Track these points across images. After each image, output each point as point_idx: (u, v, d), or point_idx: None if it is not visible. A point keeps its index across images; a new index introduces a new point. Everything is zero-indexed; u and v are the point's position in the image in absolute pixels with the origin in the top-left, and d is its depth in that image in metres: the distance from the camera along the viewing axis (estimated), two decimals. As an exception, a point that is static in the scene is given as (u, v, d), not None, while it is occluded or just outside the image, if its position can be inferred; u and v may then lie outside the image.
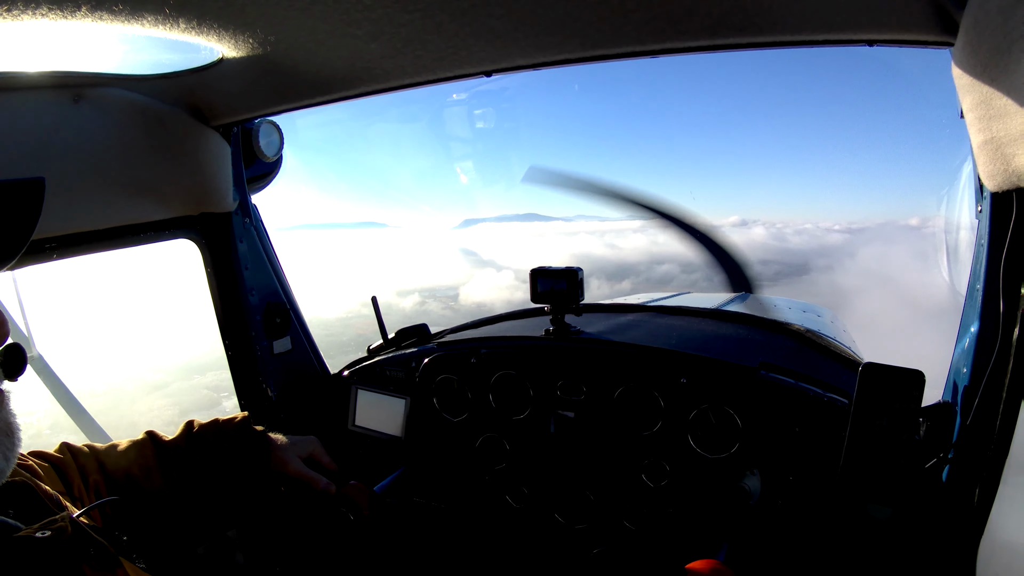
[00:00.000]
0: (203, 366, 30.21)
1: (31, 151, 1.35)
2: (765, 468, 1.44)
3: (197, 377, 27.98)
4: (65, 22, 1.03)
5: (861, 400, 1.20)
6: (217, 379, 27.23)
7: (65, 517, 0.83)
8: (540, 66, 1.36)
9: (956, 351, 1.22)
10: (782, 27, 1.10)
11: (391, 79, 1.45)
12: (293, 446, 1.44)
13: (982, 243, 1.11)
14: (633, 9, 1.07)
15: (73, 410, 3.77)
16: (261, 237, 2.01)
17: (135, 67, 1.44)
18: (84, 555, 0.82)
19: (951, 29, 0.96)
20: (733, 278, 2.90)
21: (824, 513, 1.37)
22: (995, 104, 0.87)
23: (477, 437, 1.83)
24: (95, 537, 0.85)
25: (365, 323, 28.73)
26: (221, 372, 28.32)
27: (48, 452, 1.14)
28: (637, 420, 1.60)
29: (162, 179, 1.69)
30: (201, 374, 28.75)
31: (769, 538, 1.44)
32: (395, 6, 1.06)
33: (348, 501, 1.47)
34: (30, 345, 3.84)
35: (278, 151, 2.00)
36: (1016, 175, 0.91)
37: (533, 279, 1.82)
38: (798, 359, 1.78)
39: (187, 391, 26.77)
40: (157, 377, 29.17)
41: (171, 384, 28.89)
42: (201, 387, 27.18)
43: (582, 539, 1.69)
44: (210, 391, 25.70)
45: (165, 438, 1.36)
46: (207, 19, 1.10)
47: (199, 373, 29.00)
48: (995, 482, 1.00)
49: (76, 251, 1.54)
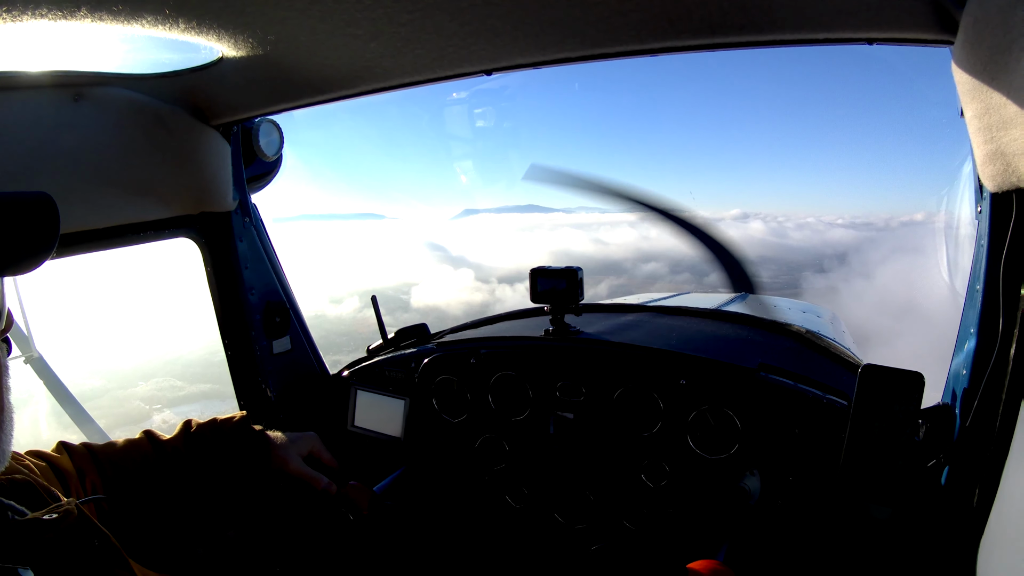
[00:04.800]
0: (149, 372, 28.76)
1: (31, 151, 1.35)
2: (765, 469, 1.44)
3: (141, 384, 26.65)
4: (65, 22, 1.03)
5: (861, 402, 1.19)
6: (158, 387, 25.95)
7: (72, 502, 0.85)
8: (540, 65, 1.36)
9: (956, 352, 1.22)
10: (782, 26, 1.10)
11: (391, 78, 1.45)
12: (293, 444, 1.44)
13: (982, 243, 1.11)
14: (633, 8, 1.07)
15: (72, 410, 3.77)
16: (261, 236, 2.01)
17: (135, 66, 1.44)
18: (89, 543, 0.82)
19: (951, 28, 0.96)
20: (733, 277, 2.89)
21: (824, 513, 1.37)
22: (995, 104, 0.87)
23: (477, 438, 1.82)
24: (99, 527, 0.86)
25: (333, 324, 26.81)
26: (164, 380, 27.05)
27: (45, 451, 1.14)
28: (637, 421, 1.59)
29: (162, 178, 1.69)
30: (145, 380, 27.42)
31: (769, 538, 1.44)
32: (395, 6, 1.06)
33: (348, 501, 1.47)
34: (30, 345, 3.84)
35: (278, 150, 2.00)
36: (1016, 175, 0.90)
37: (533, 279, 1.82)
38: (798, 360, 1.78)
39: (119, 402, 24.84)
40: (97, 383, 26.97)
41: (108, 393, 26.49)
42: (135, 397, 25.22)
43: (582, 539, 1.68)
44: (142, 402, 24.17)
45: (163, 437, 1.36)
46: (207, 19, 1.10)
47: (143, 379, 27.64)
48: (995, 483, 1.00)
49: (76, 250, 1.54)
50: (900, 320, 41.96)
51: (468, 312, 25.46)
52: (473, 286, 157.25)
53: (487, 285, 36.58)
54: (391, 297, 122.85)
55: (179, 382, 27.23)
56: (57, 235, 0.73)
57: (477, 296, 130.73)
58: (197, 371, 28.34)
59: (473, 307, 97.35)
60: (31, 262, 0.72)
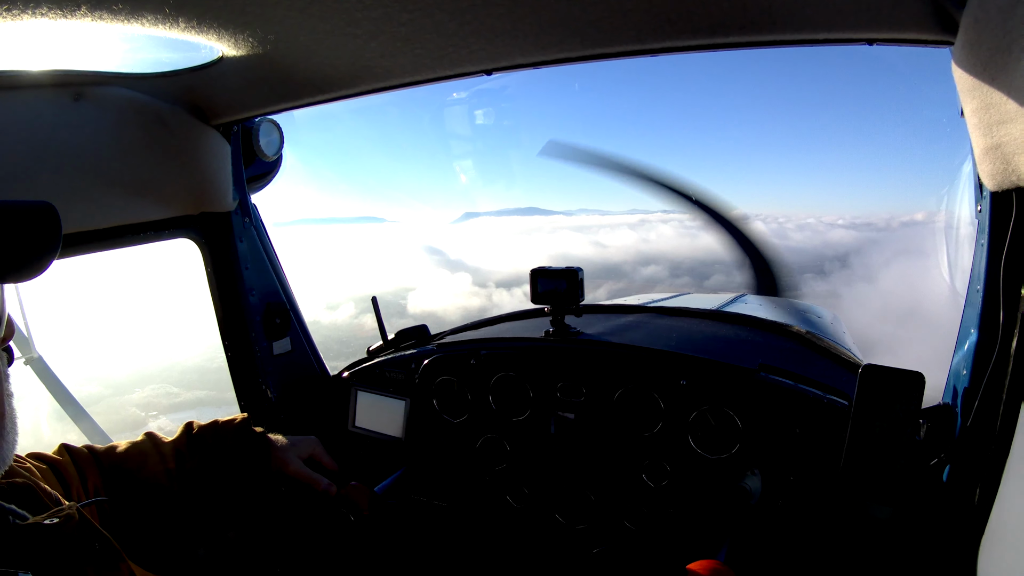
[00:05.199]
0: (147, 377, 28.15)
1: (31, 150, 1.35)
2: (766, 468, 1.44)
3: (138, 391, 26.03)
4: (65, 21, 1.03)
5: (861, 402, 1.19)
6: (154, 393, 25.41)
7: (73, 506, 0.84)
8: (540, 64, 1.36)
9: (956, 352, 1.22)
10: (782, 26, 1.10)
11: (391, 78, 1.45)
12: (293, 447, 1.44)
13: (982, 243, 1.11)
14: (633, 8, 1.07)
15: (73, 411, 3.76)
16: (261, 237, 2.00)
17: (135, 66, 1.44)
18: (90, 547, 0.82)
19: (951, 28, 0.96)
20: (760, 278, 2.74)
21: (825, 513, 1.37)
22: (995, 103, 0.87)
23: (477, 438, 1.82)
24: (100, 531, 0.86)
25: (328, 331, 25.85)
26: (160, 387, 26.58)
27: (46, 454, 1.14)
28: (637, 421, 1.59)
29: (162, 178, 1.69)
30: (141, 386, 26.82)
31: (769, 538, 1.43)
32: (395, 5, 1.06)
33: (348, 502, 1.47)
34: (30, 347, 3.84)
35: (278, 150, 1.99)
36: (1016, 175, 0.90)
37: (533, 280, 1.82)
38: (798, 360, 1.78)
39: (115, 408, 24.19)
40: (94, 390, 26.09)
41: (104, 400, 25.69)
42: (131, 404, 24.60)
43: (583, 539, 1.68)
44: (138, 409, 23.40)
45: (165, 439, 1.36)
46: (207, 18, 1.10)
47: (140, 386, 27.08)
48: (996, 482, 1.00)
49: (76, 251, 1.54)
50: (900, 320, 41.78)
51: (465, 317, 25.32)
52: (470, 291, 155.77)
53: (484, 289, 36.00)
54: (389, 302, 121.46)
55: (175, 388, 26.93)
56: (59, 244, 0.73)
57: (475, 301, 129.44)
58: (194, 377, 28.05)
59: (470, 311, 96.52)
60: (32, 270, 0.72)
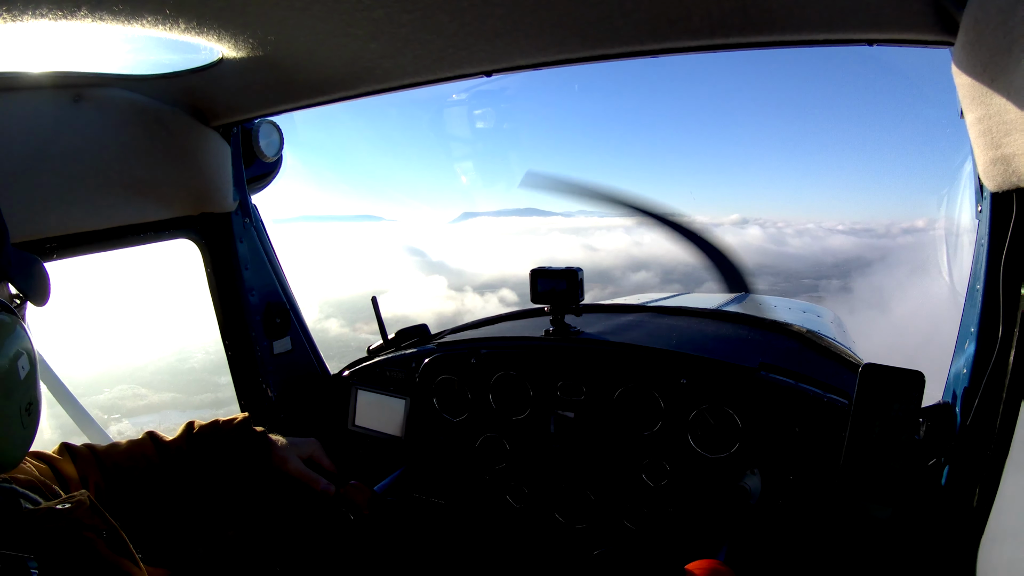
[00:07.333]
0: (116, 378, 27.40)
1: (31, 151, 1.35)
2: (765, 468, 1.44)
3: (105, 391, 25.50)
4: (65, 22, 1.03)
5: (861, 401, 1.20)
6: (120, 394, 24.84)
7: (84, 492, 0.86)
8: (540, 66, 1.36)
9: (956, 352, 1.22)
10: (782, 27, 1.10)
11: (391, 79, 1.45)
12: (293, 447, 1.44)
13: (982, 243, 1.11)
14: (633, 9, 1.07)
15: (74, 411, 3.76)
16: (261, 237, 2.01)
17: (135, 67, 1.44)
18: (99, 532, 0.84)
19: (951, 29, 0.96)
20: (729, 280, 2.90)
21: (824, 513, 1.37)
22: (995, 104, 0.87)
23: (477, 437, 1.82)
24: (108, 518, 0.88)
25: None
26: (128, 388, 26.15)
27: (47, 453, 1.14)
28: (637, 420, 1.59)
29: (162, 179, 1.69)
30: (110, 388, 26.23)
31: (769, 538, 1.44)
32: (395, 6, 1.06)
33: (348, 501, 1.47)
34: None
35: (278, 151, 2.00)
36: (1016, 175, 0.90)
37: (533, 280, 1.82)
38: (798, 360, 1.78)
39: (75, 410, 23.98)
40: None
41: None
42: (94, 406, 24.53)
43: (582, 539, 1.69)
44: (101, 411, 23.19)
45: (165, 438, 1.36)
46: (207, 19, 1.10)
47: (108, 386, 26.51)
48: (995, 482, 1.00)
49: (76, 251, 1.54)
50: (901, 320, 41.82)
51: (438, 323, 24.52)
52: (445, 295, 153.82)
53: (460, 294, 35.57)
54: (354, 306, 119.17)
55: (144, 389, 26.36)
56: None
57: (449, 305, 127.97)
58: (165, 378, 27.41)
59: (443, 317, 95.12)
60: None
